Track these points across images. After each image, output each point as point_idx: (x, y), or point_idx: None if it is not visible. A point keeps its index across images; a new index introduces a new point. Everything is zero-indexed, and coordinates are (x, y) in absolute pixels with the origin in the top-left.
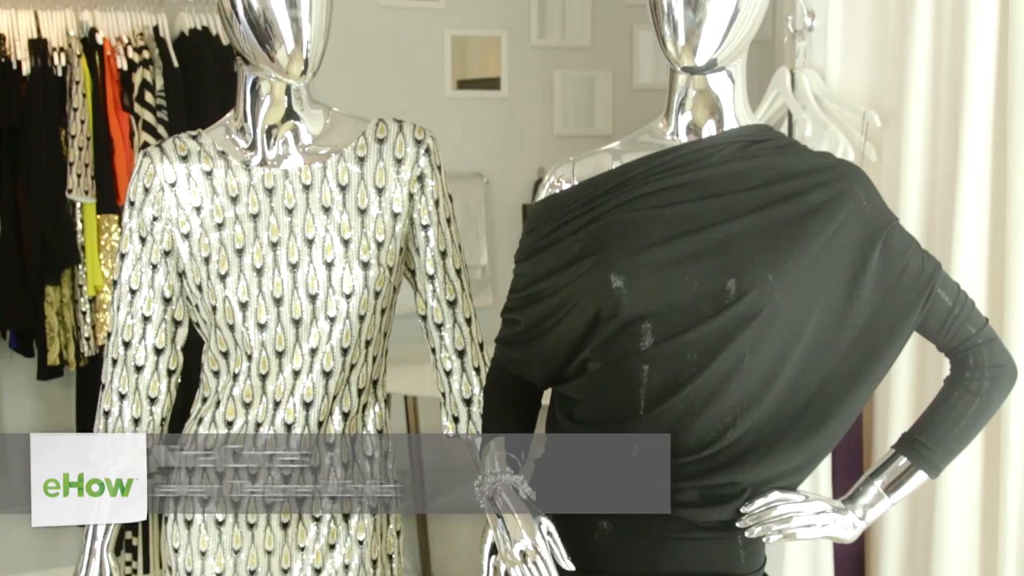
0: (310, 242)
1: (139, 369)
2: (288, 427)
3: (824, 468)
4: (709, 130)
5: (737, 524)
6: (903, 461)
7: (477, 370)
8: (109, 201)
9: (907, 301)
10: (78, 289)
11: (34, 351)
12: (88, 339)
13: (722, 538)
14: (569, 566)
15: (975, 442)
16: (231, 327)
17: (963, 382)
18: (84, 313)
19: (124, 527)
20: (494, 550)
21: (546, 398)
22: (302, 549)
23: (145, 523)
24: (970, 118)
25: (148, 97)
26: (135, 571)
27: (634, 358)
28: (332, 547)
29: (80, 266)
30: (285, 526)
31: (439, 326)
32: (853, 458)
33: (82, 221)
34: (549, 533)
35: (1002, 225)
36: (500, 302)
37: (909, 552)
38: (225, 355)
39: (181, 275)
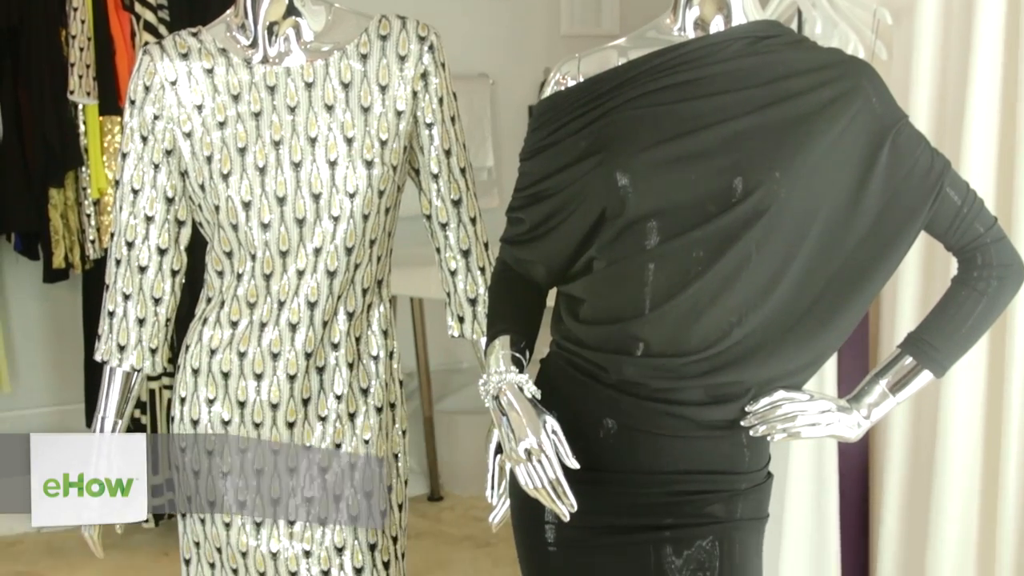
0: (313, 141)
1: (143, 269)
2: (293, 327)
3: (829, 367)
4: (717, 26)
5: (741, 423)
6: (909, 360)
7: (482, 270)
8: (111, 102)
9: (915, 199)
10: (82, 192)
11: (39, 254)
12: (93, 241)
13: (726, 437)
14: (573, 464)
15: (980, 342)
16: (234, 227)
17: (970, 281)
18: (88, 216)
19: (132, 428)
20: (499, 449)
21: (551, 299)
22: (308, 448)
23: (153, 425)
24: (982, 15)
25: None
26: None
27: (639, 257)
28: (338, 446)
29: (83, 168)
30: (291, 425)
31: (444, 226)
32: (859, 357)
33: (84, 123)
34: (554, 432)
35: (1012, 124)
36: (506, 204)
37: (913, 451)
38: (229, 255)
39: (183, 174)
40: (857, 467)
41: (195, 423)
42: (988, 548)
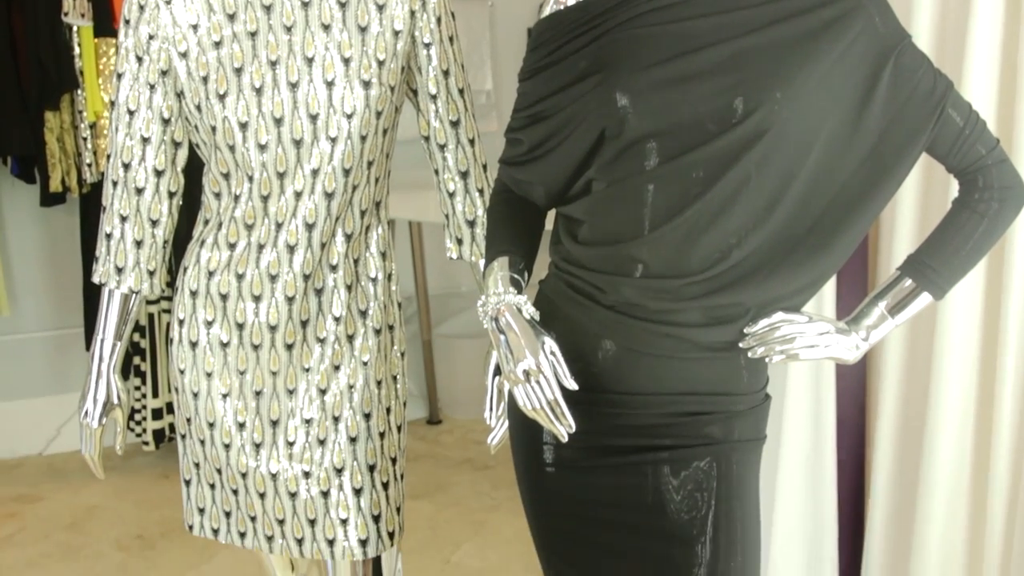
0: (310, 60)
1: (140, 191)
2: (291, 248)
3: (828, 289)
4: None
5: (740, 344)
6: (908, 282)
7: (480, 191)
8: (106, 24)
9: (917, 121)
10: (78, 115)
11: (36, 178)
12: (90, 165)
13: (725, 358)
14: (572, 385)
15: (978, 266)
16: (231, 148)
17: (971, 203)
18: (85, 139)
19: (132, 352)
20: (498, 371)
21: (549, 222)
22: (307, 370)
23: (153, 348)
24: None
25: None
26: (144, 395)
27: (639, 177)
28: (337, 368)
29: (79, 91)
30: (290, 347)
31: (442, 147)
32: (858, 280)
33: (79, 45)
34: (552, 353)
35: (1015, 44)
36: (504, 128)
37: (910, 373)
38: (226, 176)
39: (179, 95)
40: (854, 389)
41: (194, 345)
42: (982, 466)
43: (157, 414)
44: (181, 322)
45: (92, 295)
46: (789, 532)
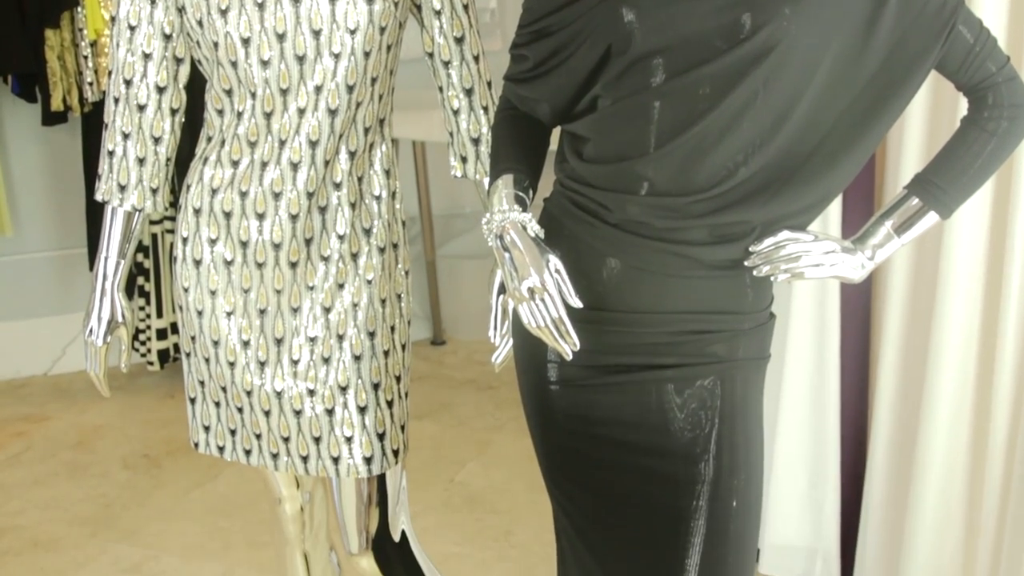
0: None
1: (142, 108)
2: (294, 166)
3: (835, 208)
4: None
5: (745, 263)
6: (915, 201)
7: (485, 109)
8: None
9: (927, 37)
10: (78, 33)
11: (37, 97)
12: (91, 84)
13: (730, 277)
14: (576, 303)
15: (986, 186)
16: (233, 64)
17: (980, 121)
18: (86, 57)
19: (136, 273)
20: (502, 289)
21: (554, 142)
22: (311, 288)
23: (157, 269)
24: None
25: None
26: (148, 316)
27: (645, 94)
28: (341, 286)
29: (79, 8)
30: (294, 265)
31: (446, 64)
32: (864, 199)
33: None
34: (557, 270)
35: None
36: (509, 45)
37: (915, 293)
38: (228, 93)
39: (180, 10)
40: (859, 309)
41: (197, 263)
42: (985, 385)
43: (162, 334)
44: (185, 240)
45: (95, 215)
46: (792, 451)
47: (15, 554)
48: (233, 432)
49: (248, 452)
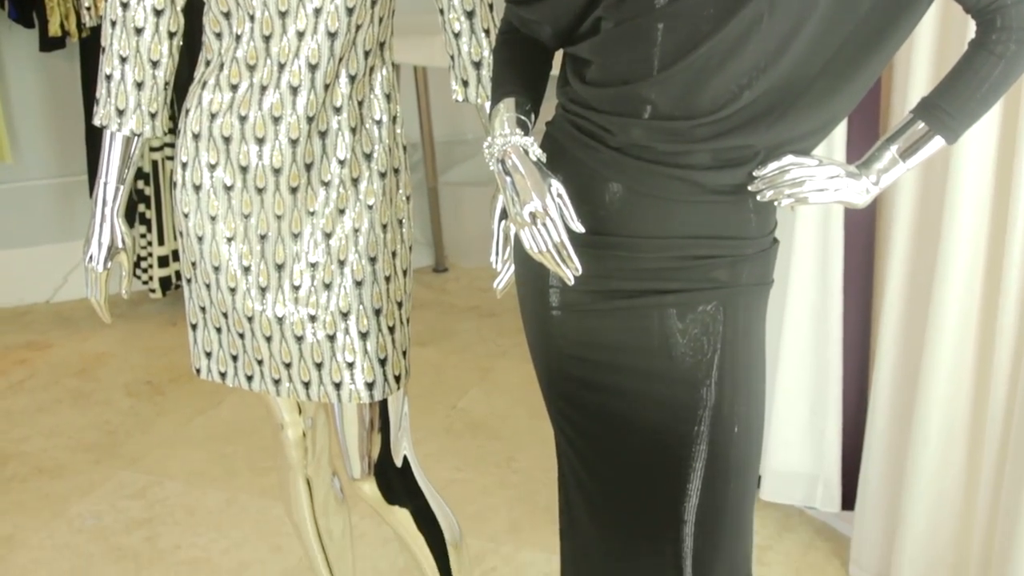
0: None
1: (139, 31)
2: (294, 90)
3: (839, 133)
4: None
5: (749, 187)
6: (921, 126)
7: (487, 32)
8: None
9: None
10: None
11: (34, 22)
12: (88, 8)
13: (733, 202)
14: (579, 228)
15: (993, 111)
16: None
17: (988, 44)
18: None
19: (136, 200)
20: (504, 215)
21: (556, 66)
22: (312, 214)
23: (157, 196)
24: None
25: None
26: (149, 243)
27: (648, 16)
28: (342, 212)
29: None
30: (294, 191)
31: None
32: (869, 124)
33: None
34: (559, 195)
35: None
36: None
37: (919, 218)
38: (227, 16)
39: None
40: (863, 234)
41: (197, 188)
42: (990, 319)
43: (163, 262)
44: (184, 165)
45: (95, 141)
46: (794, 377)
47: (20, 480)
48: (235, 358)
49: (250, 378)
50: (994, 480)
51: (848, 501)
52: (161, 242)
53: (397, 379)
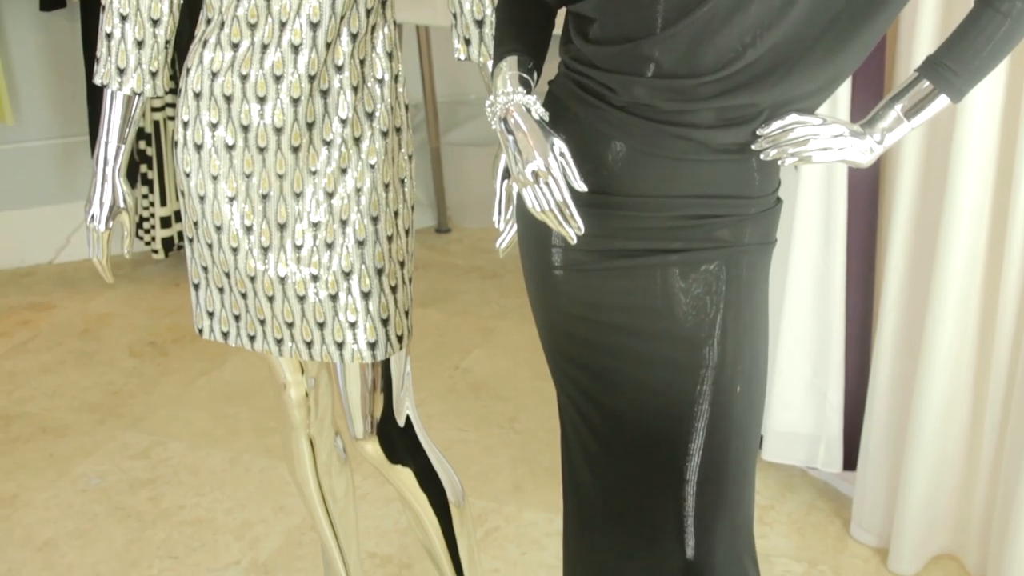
0: None
1: None
2: (295, 48)
3: (843, 92)
4: None
5: (753, 146)
6: (926, 84)
7: None
8: None
9: None
10: None
11: None
12: None
13: (737, 160)
14: (581, 187)
15: (998, 69)
16: None
17: (994, 2)
18: None
19: (138, 161)
20: (507, 174)
21: (559, 27)
22: (314, 173)
23: (159, 156)
24: None
25: None
26: (152, 204)
27: None
28: (344, 171)
29: None
30: (295, 150)
31: None
32: (874, 82)
33: None
34: (562, 154)
35: None
36: None
37: (924, 178)
38: None
39: None
40: (867, 194)
41: (199, 147)
42: (994, 273)
43: (165, 222)
44: (185, 124)
45: (96, 102)
46: (796, 337)
47: (24, 440)
48: (237, 318)
49: (252, 338)
50: (996, 441)
51: (850, 462)
52: (163, 203)
53: (399, 339)
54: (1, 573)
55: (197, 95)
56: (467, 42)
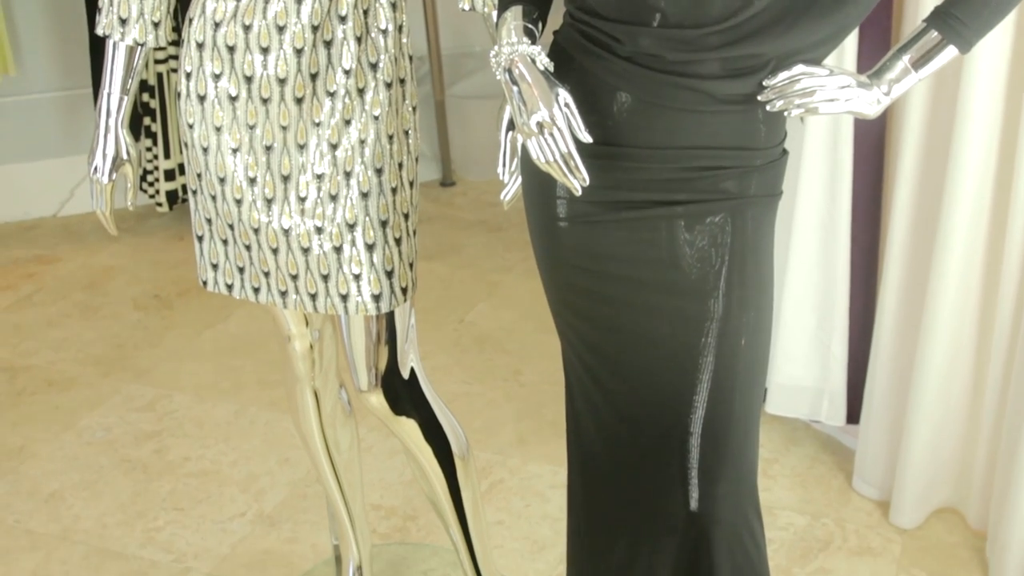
0: None
1: None
2: None
3: (850, 43)
4: None
5: (759, 97)
6: (933, 35)
7: None
8: None
9: None
10: None
11: None
12: None
13: (743, 111)
14: (586, 138)
15: (1006, 21)
16: None
17: None
18: None
19: (142, 113)
20: (511, 126)
21: None
22: (317, 124)
23: (163, 109)
24: None
25: None
26: (155, 157)
27: None
28: (348, 122)
29: None
30: (299, 101)
31: None
32: (881, 33)
33: None
34: (567, 104)
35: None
36: None
37: (930, 129)
38: None
39: None
40: (873, 146)
41: (202, 98)
42: (998, 232)
43: (169, 175)
44: (188, 75)
45: (99, 54)
46: (801, 291)
47: (30, 393)
48: (241, 270)
49: (256, 290)
50: (999, 396)
51: (854, 415)
52: (167, 155)
53: (404, 291)
54: (8, 524)
55: (200, 45)
56: None
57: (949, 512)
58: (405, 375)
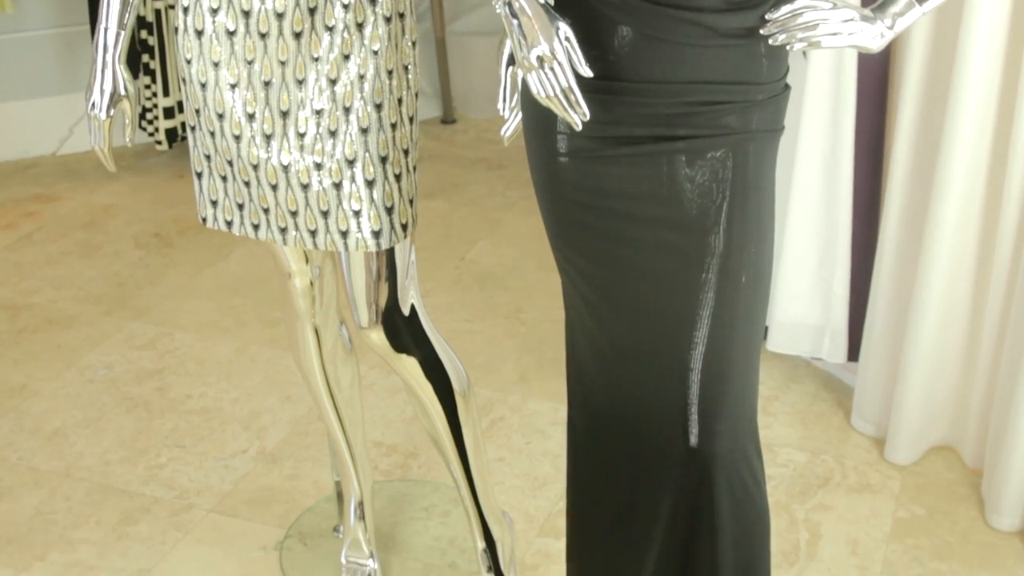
0: None
1: None
2: None
3: None
4: None
5: (761, 31)
6: None
7: None
8: None
9: None
10: None
11: None
12: None
13: (745, 46)
14: (587, 72)
15: None
16: None
17: None
18: None
19: (140, 51)
20: (512, 61)
21: None
22: (316, 59)
23: (161, 46)
24: None
25: None
26: (154, 94)
27: None
28: (347, 57)
29: None
30: (297, 36)
31: None
32: None
33: None
34: (567, 38)
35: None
36: None
37: (933, 64)
38: None
39: None
40: (876, 81)
41: (199, 33)
42: (999, 162)
43: (168, 113)
44: (186, 10)
45: None
46: (803, 227)
47: (31, 332)
48: (241, 206)
49: (256, 226)
50: (996, 335)
51: (854, 352)
52: (166, 93)
53: (404, 227)
54: (12, 462)
55: None
56: None
57: (945, 450)
58: (406, 312)
